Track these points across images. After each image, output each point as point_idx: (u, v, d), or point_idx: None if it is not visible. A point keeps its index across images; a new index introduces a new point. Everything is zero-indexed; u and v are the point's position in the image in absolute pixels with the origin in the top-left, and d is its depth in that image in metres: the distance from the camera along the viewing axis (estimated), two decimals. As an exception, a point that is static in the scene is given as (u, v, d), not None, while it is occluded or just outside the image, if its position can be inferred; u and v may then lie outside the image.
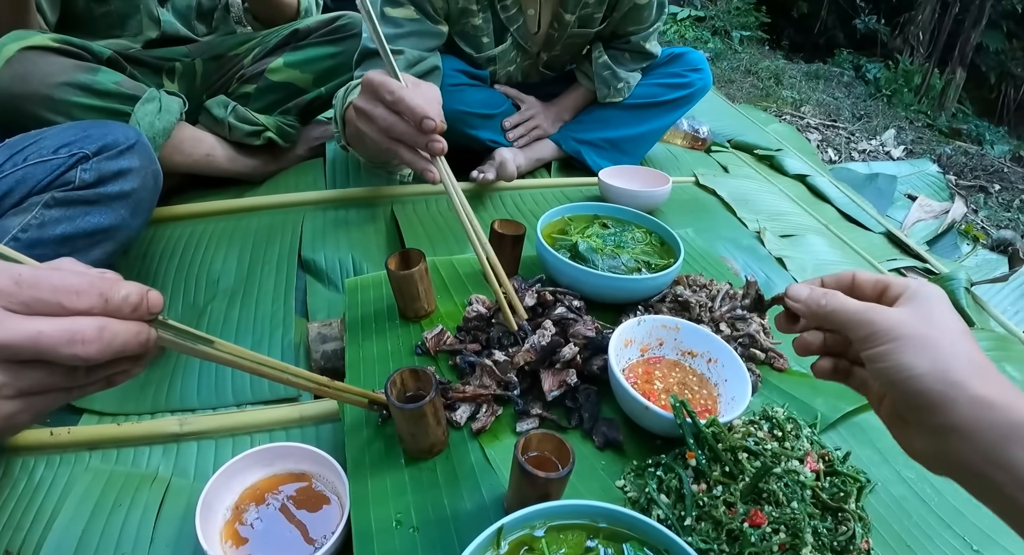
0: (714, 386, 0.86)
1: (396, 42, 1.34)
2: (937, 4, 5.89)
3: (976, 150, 4.05)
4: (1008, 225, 2.86)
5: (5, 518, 0.83)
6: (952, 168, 3.43)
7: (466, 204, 0.90)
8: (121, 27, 1.54)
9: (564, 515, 0.60)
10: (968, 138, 4.56)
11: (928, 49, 5.72)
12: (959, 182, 3.30)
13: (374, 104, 0.87)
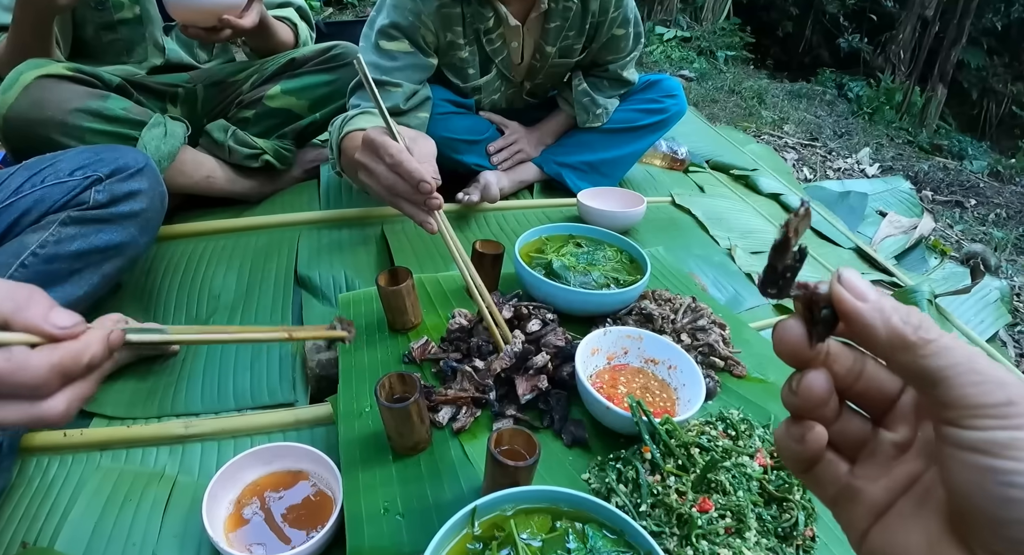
0: (673, 390, 0.95)
1: (393, 74, 1.43)
2: (917, 23, 6.04)
3: (955, 166, 4.16)
4: (982, 238, 2.96)
5: (21, 512, 0.91)
6: (929, 184, 3.53)
7: (463, 252, 0.98)
8: (128, 54, 1.64)
9: (532, 500, 0.68)
10: (949, 154, 4.67)
11: (909, 67, 5.85)
12: (936, 198, 3.41)
13: (376, 162, 0.95)
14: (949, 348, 0.30)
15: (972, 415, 0.29)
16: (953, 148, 4.80)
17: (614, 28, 1.65)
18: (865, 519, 0.35)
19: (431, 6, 1.43)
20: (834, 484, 0.37)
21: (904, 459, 0.35)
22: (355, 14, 5.64)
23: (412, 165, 0.91)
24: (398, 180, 0.93)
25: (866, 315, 0.32)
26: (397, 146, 0.93)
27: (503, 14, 1.49)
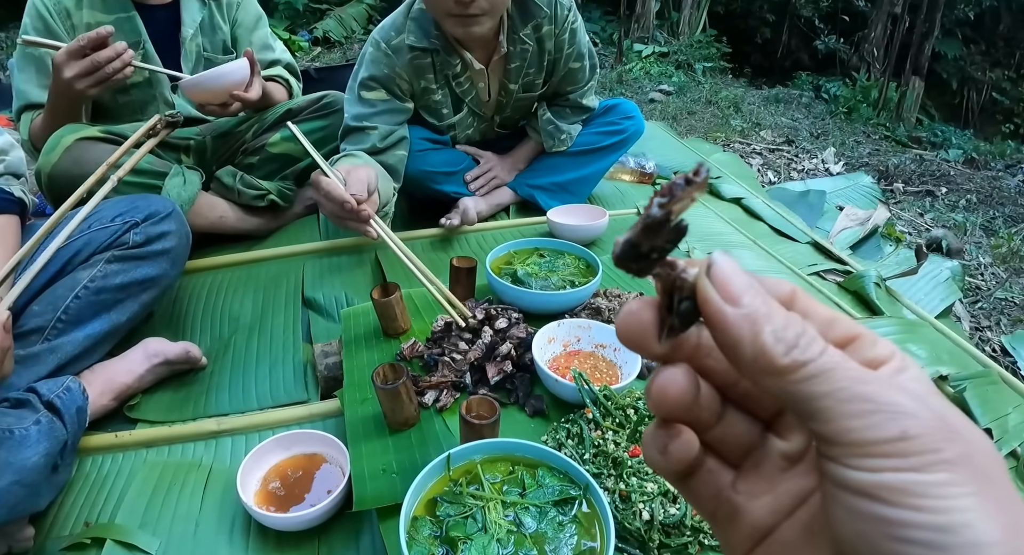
0: (618, 368, 1.16)
1: (371, 119, 1.66)
2: (888, 20, 6.22)
3: (932, 156, 4.26)
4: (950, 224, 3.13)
5: (81, 500, 1.09)
6: (901, 176, 3.64)
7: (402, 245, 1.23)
8: (142, 112, 1.84)
9: (494, 450, 0.89)
10: (930, 145, 4.76)
11: (883, 64, 5.99)
12: (907, 189, 3.53)
13: (319, 196, 1.26)
14: (829, 370, 0.24)
15: (856, 453, 0.23)
16: (935, 139, 4.90)
17: (570, 63, 1.88)
18: (744, 543, 0.30)
19: (404, 59, 1.66)
20: (713, 498, 0.31)
21: (792, 473, 0.29)
22: (342, 52, 5.91)
23: (338, 191, 1.20)
24: (333, 206, 1.20)
25: (732, 324, 0.25)
26: (327, 180, 1.21)
27: (468, 60, 1.72)
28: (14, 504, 0.94)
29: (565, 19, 1.77)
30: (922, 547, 0.22)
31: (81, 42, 1.43)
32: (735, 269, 0.27)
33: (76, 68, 1.43)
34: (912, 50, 5.29)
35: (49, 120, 1.60)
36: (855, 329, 0.28)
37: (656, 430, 0.30)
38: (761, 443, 0.30)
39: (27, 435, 0.98)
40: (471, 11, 1.49)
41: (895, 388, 0.24)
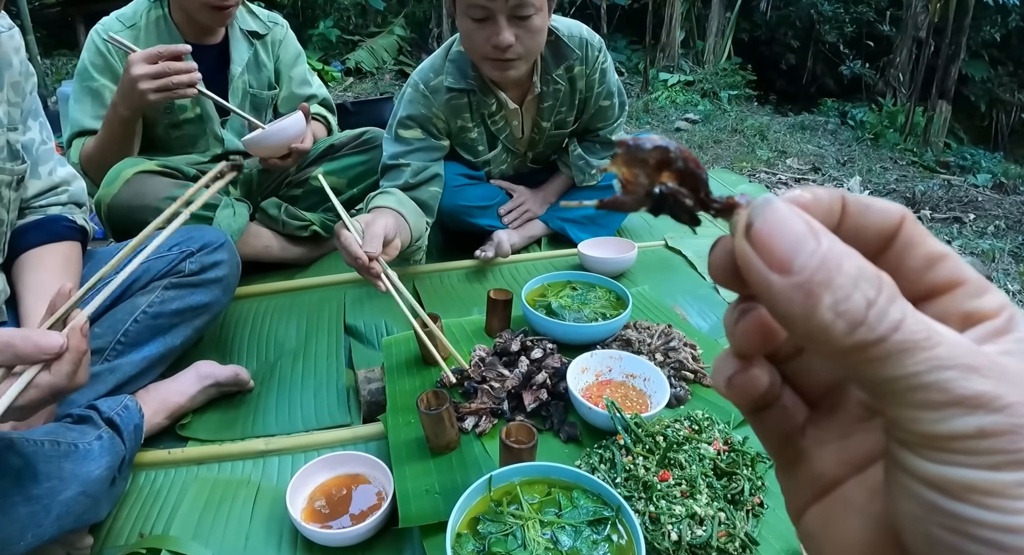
0: (647, 397, 1.21)
1: (405, 157, 1.75)
2: (912, 45, 6.22)
3: (960, 181, 4.17)
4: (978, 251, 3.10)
5: (135, 513, 1.16)
6: (928, 203, 3.58)
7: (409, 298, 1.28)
8: (192, 146, 1.94)
9: (534, 473, 0.95)
10: (958, 169, 4.66)
11: (909, 89, 5.95)
12: (934, 215, 3.50)
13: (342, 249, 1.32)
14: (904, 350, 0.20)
15: (924, 444, 0.21)
16: (964, 162, 4.85)
17: (600, 101, 1.96)
18: (804, 493, 0.27)
19: (441, 99, 1.76)
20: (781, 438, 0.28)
21: (870, 426, 0.27)
22: (374, 82, 6.07)
23: (352, 249, 1.27)
24: (348, 258, 1.29)
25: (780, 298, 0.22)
26: (346, 234, 1.29)
27: (503, 99, 1.81)
28: (80, 513, 1.00)
29: (596, 60, 1.85)
30: (985, 546, 0.20)
31: (160, 50, 1.51)
32: (785, 218, 0.22)
33: (147, 69, 1.49)
34: (938, 73, 5.25)
35: (102, 143, 1.68)
36: (961, 273, 0.24)
37: (724, 358, 0.27)
38: (842, 384, 0.27)
39: (91, 449, 1.04)
40: (508, 56, 1.58)
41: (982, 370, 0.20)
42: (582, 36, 1.82)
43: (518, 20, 1.55)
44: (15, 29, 1.14)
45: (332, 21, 6.73)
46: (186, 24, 1.82)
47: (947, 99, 5.27)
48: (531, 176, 2.14)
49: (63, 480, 0.98)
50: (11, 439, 0.97)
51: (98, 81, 1.77)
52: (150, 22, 1.80)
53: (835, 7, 7.06)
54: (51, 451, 1.00)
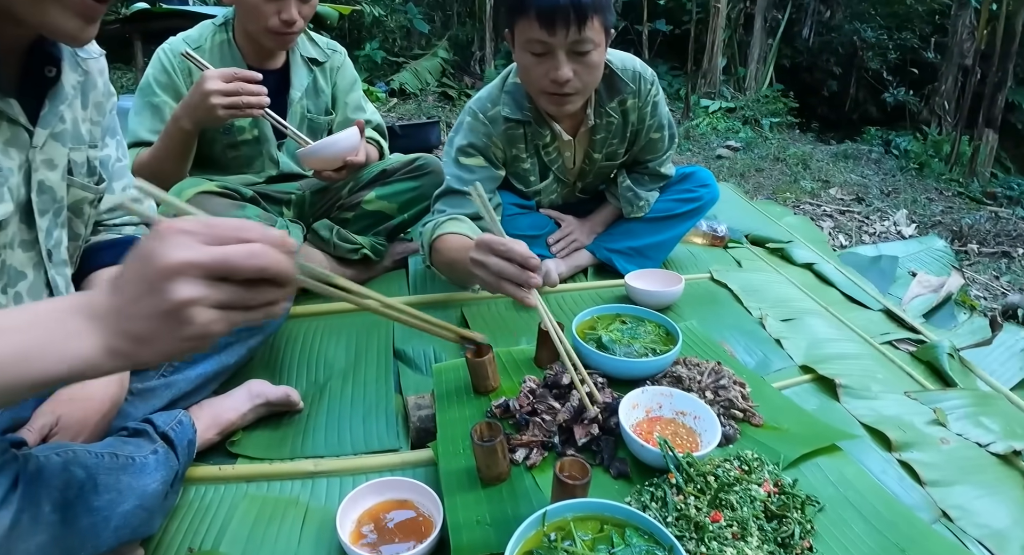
0: (698, 435, 1.22)
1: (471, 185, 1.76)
2: (958, 72, 6.13)
3: (1009, 213, 4.10)
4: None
5: (184, 527, 1.18)
6: (975, 236, 3.52)
7: (553, 321, 1.26)
8: (248, 166, 2.00)
9: (586, 509, 0.96)
10: (1006, 199, 4.58)
11: (955, 117, 5.87)
12: (982, 250, 3.41)
13: (488, 255, 1.25)
14: None
15: None
16: (1011, 193, 4.73)
17: (651, 133, 1.98)
18: None
19: (499, 128, 1.79)
20: None
21: None
22: (417, 103, 6.16)
23: (521, 247, 1.22)
24: (507, 265, 1.22)
25: None
26: (507, 239, 1.24)
27: (557, 131, 1.84)
28: (136, 526, 1.02)
29: (648, 93, 1.88)
30: None
31: (235, 71, 1.58)
32: None
33: (221, 85, 1.54)
34: (985, 102, 5.14)
35: (158, 154, 1.71)
36: None
37: None
38: None
39: (146, 463, 1.06)
40: (566, 90, 1.61)
41: None
42: (635, 69, 1.85)
43: (577, 56, 1.58)
44: (103, 56, 1.18)
45: (378, 43, 6.87)
46: (249, 49, 1.88)
47: (994, 127, 5.17)
48: (579, 205, 2.16)
49: (121, 493, 1.00)
50: (75, 451, 0.99)
51: (160, 97, 1.83)
52: (214, 45, 1.87)
53: (878, 34, 7.02)
54: (111, 463, 1.02)
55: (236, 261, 0.63)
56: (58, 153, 1.06)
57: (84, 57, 1.12)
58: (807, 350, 1.81)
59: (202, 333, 0.63)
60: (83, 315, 0.66)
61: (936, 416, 1.58)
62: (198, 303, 0.62)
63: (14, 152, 0.98)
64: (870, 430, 1.50)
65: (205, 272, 0.62)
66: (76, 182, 1.12)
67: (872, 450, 1.44)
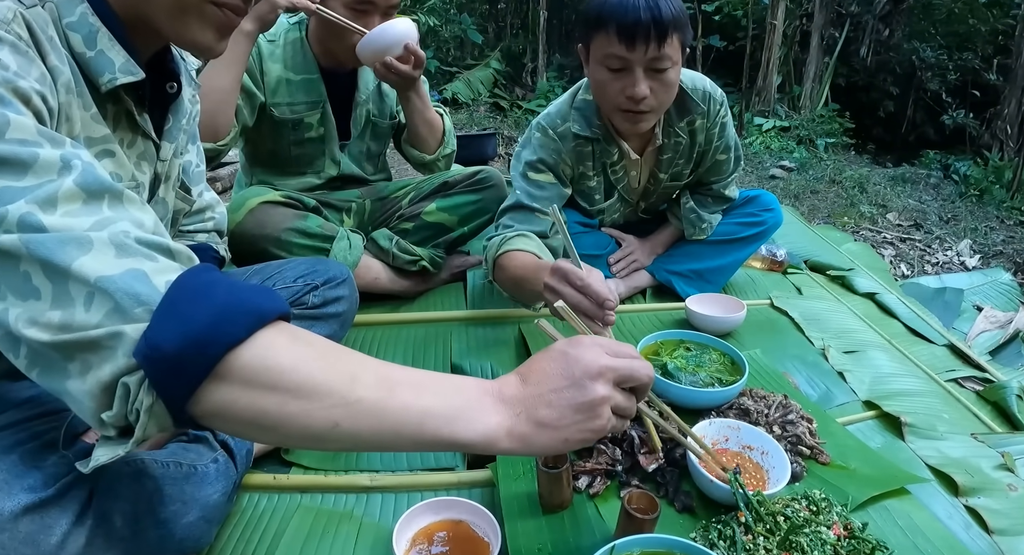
0: (765, 472, 1.19)
1: (542, 202, 1.74)
2: (1022, 96, 5.92)
3: None
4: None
5: (238, 533, 1.17)
6: None
7: None
8: (310, 166, 2.01)
9: (654, 545, 0.94)
10: None
11: (1017, 142, 5.67)
12: None
13: (563, 285, 1.25)
14: None
15: None
16: None
17: (717, 155, 1.95)
18: None
19: (568, 145, 1.78)
20: None
21: None
22: (469, 113, 6.18)
23: (599, 287, 1.21)
24: (583, 299, 1.22)
25: None
26: (583, 272, 1.23)
27: (625, 149, 1.82)
28: (198, 537, 1.02)
29: (717, 114, 1.85)
30: None
31: None
32: None
33: None
34: (1050, 129, 4.97)
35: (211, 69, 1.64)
36: None
37: None
38: None
39: (207, 472, 1.06)
40: (641, 108, 1.59)
41: None
42: (705, 89, 1.82)
43: (654, 73, 1.56)
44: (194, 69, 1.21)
45: (432, 52, 6.93)
46: (321, 50, 1.90)
47: (1059, 153, 4.98)
48: (640, 225, 2.14)
49: (186, 503, 1.00)
50: (143, 460, 0.99)
51: None
52: (287, 42, 1.89)
53: (938, 53, 6.84)
54: (175, 473, 1.02)
55: (639, 372, 0.77)
56: (174, 166, 1.08)
57: (192, 67, 1.14)
58: (871, 385, 1.75)
59: (603, 427, 0.74)
60: (493, 396, 0.75)
61: (1004, 461, 1.51)
62: (609, 401, 0.74)
63: (146, 166, 1.00)
64: (936, 472, 1.44)
65: (617, 378, 0.76)
66: (179, 193, 1.14)
67: (938, 494, 1.38)
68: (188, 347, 0.63)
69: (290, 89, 1.89)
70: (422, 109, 1.96)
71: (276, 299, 0.71)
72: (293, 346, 0.69)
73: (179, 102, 1.05)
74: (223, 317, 0.65)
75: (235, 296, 0.67)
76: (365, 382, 0.70)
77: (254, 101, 1.85)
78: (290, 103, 1.89)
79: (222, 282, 0.69)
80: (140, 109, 0.95)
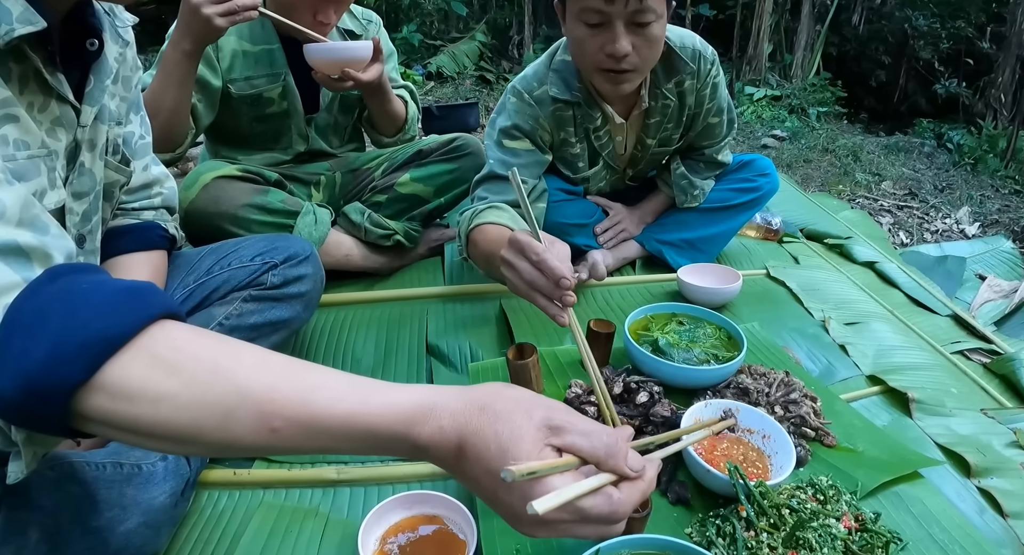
0: (767, 457, 1.08)
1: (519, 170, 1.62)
2: (1016, 64, 5.84)
3: None
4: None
5: (197, 534, 1.08)
6: None
7: (587, 346, 1.11)
8: (275, 142, 1.88)
9: (644, 546, 0.83)
10: None
11: (1011, 111, 5.61)
12: None
13: (520, 259, 1.11)
14: None
15: None
16: None
17: (709, 117, 1.82)
18: None
19: (547, 110, 1.65)
20: None
21: None
22: (454, 87, 6.04)
23: (554, 263, 1.06)
24: (539, 276, 1.08)
25: None
26: (541, 246, 1.08)
27: (609, 114, 1.69)
28: (140, 545, 0.93)
29: (708, 73, 1.72)
30: None
31: None
32: None
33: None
34: (1044, 96, 4.88)
35: (156, 87, 1.52)
36: None
37: None
38: None
39: (154, 471, 0.98)
40: (623, 66, 1.46)
41: None
42: (695, 47, 1.69)
43: (637, 27, 1.42)
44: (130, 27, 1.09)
45: (415, 26, 6.77)
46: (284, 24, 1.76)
47: (1052, 122, 4.89)
48: (628, 193, 2.02)
49: (124, 509, 0.92)
50: (72, 464, 0.91)
51: None
52: None
53: (931, 22, 6.71)
54: (113, 474, 0.93)
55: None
56: (99, 132, 0.98)
57: (121, 26, 1.04)
58: (875, 358, 1.65)
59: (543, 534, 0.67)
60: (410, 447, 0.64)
61: (1016, 438, 1.42)
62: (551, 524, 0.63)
63: (62, 132, 0.89)
64: (946, 452, 1.34)
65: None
66: (111, 163, 1.04)
67: (950, 475, 1.28)
68: (29, 397, 0.55)
69: (247, 62, 1.74)
70: (382, 102, 1.84)
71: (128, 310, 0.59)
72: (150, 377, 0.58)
73: (102, 61, 0.95)
74: (57, 355, 0.55)
75: (72, 322, 0.56)
76: (241, 420, 0.59)
77: (212, 95, 1.72)
78: (248, 77, 1.75)
79: (63, 300, 0.58)
80: (52, 68, 0.84)
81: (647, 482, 0.67)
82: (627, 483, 0.65)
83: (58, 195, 0.88)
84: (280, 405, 0.60)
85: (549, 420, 0.63)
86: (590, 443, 0.64)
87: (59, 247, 0.66)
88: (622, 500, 0.63)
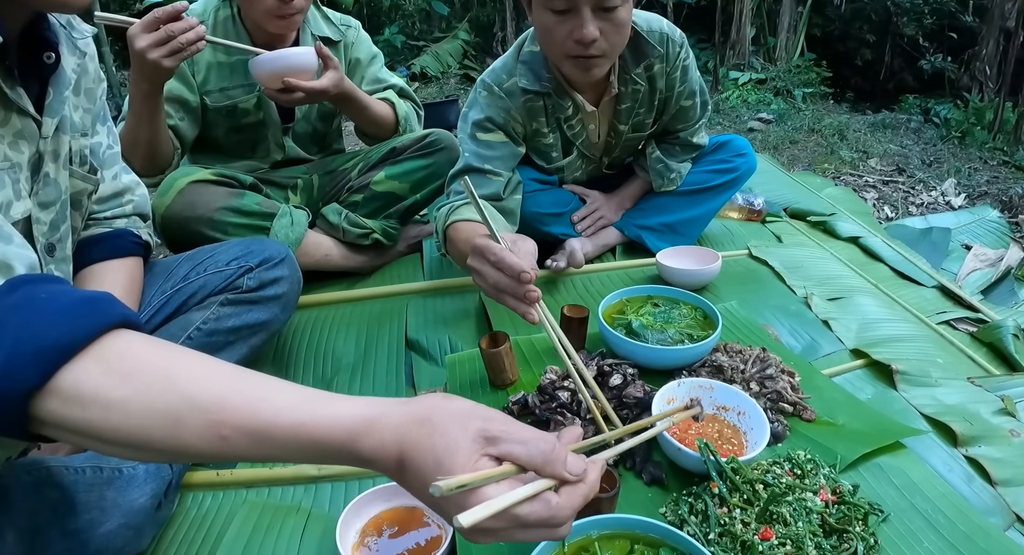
0: (743, 434, 1.07)
1: (493, 163, 1.62)
2: (1000, 36, 5.82)
3: None
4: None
5: (181, 536, 1.09)
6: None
7: (563, 338, 1.09)
8: (252, 151, 1.89)
9: (613, 526, 0.83)
10: None
11: (997, 83, 5.57)
12: None
13: (482, 263, 1.10)
14: None
15: None
16: None
17: (681, 101, 1.82)
18: None
19: (517, 101, 1.64)
20: None
21: None
22: (439, 86, 6.03)
23: (512, 260, 1.05)
24: (501, 276, 1.07)
25: None
26: (499, 246, 1.08)
27: (579, 102, 1.68)
28: (120, 547, 0.94)
29: (677, 56, 1.71)
30: None
31: (156, 14, 1.39)
32: None
33: (149, 39, 1.38)
34: (1030, 66, 4.85)
35: (130, 125, 1.54)
36: None
37: None
38: None
39: (135, 474, 0.99)
40: (591, 52, 1.45)
41: None
42: (663, 31, 1.68)
43: (603, 12, 1.42)
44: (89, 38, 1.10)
45: (397, 27, 6.76)
46: (254, 26, 1.75)
47: (1039, 92, 4.87)
48: (604, 180, 2.01)
49: (104, 511, 0.92)
50: (49, 469, 0.91)
51: None
52: (218, 21, 1.75)
53: (913, -3, 6.70)
54: (92, 478, 0.94)
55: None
56: (62, 143, 0.99)
57: (79, 37, 1.05)
58: (858, 332, 1.65)
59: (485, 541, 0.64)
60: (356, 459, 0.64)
61: (1004, 405, 1.41)
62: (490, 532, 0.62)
63: (24, 145, 0.91)
64: (932, 422, 1.33)
65: None
66: (77, 173, 1.05)
67: (936, 445, 1.28)
68: None
69: (221, 73, 1.74)
70: (359, 109, 1.81)
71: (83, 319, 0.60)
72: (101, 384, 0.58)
73: (60, 73, 0.97)
74: (12, 362, 0.56)
75: (27, 331, 0.57)
76: (190, 428, 0.60)
77: (193, 112, 1.74)
78: (223, 88, 1.75)
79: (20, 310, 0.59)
80: (11, 83, 0.85)
81: (589, 485, 0.66)
82: (567, 487, 0.64)
83: (24, 205, 0.90)
84: (228, 414, 0.60)
85: (485, 431, 0.62)
86: (527, 451, 0.63)
87: (20, 258, 0.68)
88: (561, 504, 0.63)
